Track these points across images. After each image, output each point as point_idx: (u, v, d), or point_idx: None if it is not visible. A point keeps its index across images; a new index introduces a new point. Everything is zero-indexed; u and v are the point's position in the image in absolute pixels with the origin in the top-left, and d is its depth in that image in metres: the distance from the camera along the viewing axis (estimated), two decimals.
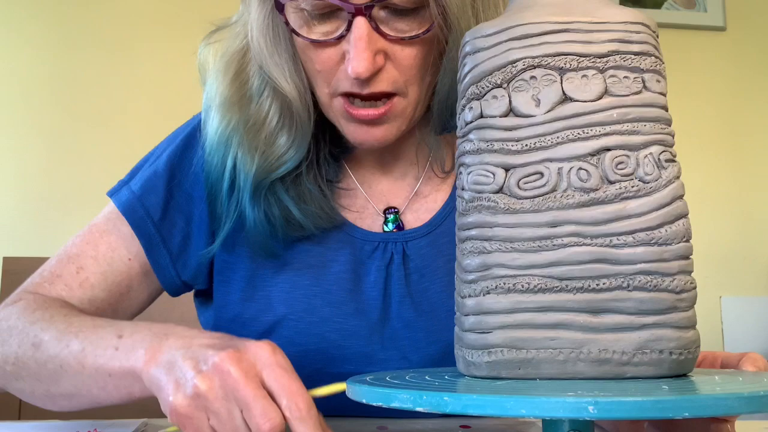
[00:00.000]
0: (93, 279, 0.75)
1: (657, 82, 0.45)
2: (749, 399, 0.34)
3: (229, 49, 0.74)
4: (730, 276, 2.19)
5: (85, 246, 0.77)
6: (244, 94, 0.72)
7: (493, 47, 0.47)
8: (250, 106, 0.72)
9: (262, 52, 0.70)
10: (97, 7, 1.95)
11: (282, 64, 0.70)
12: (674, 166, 0.45)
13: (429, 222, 0.77)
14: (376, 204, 0.78)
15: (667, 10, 2.28)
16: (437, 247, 0.76)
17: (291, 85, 0.70)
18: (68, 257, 0.76)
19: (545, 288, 0.43)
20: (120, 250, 0.76)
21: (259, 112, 0.72)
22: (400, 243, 0.76)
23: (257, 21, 0.70)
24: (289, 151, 0.71)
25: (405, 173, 0.80)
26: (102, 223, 0.78)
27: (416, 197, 0.79)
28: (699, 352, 0.45)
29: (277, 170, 0.71)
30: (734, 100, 2.29)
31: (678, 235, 0.43)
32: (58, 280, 0.75)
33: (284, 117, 0.71)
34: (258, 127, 0.71)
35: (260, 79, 0.72)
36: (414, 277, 0.75)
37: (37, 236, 1.85)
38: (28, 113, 1.90)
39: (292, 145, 0.71)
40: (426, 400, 0.37)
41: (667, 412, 0.33)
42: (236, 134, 0.71)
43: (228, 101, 0.72)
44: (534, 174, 0.44)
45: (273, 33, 0.70)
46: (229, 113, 0.72)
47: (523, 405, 0.34)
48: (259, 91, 0.72)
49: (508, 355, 0.43)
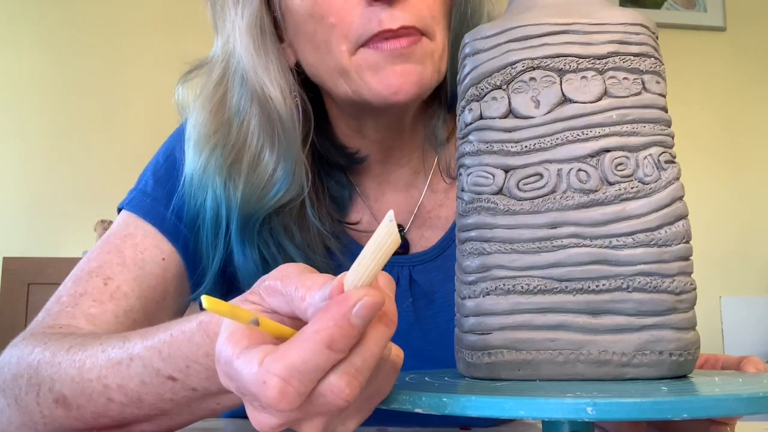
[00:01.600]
0: (125, 287, 0.67)
1: (656, 83, 0.45)
2: (748, 400, 0.34)
3: (207, 82, 0.71)
4: (730, 276, 2.19)
5: (106, 256, 0.68)
6: (223, 120, 0.68)
7: (492, 48, 0.47)
8: (230, 130, 0.68)
9: (249, 53, 0.66)
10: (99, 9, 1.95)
11: (268, 65, 0.67)
12: (674, 167, 0.45)
13: (436, 245, 0.75)
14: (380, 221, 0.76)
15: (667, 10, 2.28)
16: (445, 272, 0.73)
17: (276, 87, 0.66)
18: (88, 273, 0.67)
19: (545, 289, 0.43)
20: (151, 250, 0.69)
21: (239, 133, 0.67)
22: (407, 267, 0.73)
23: (245, 21, 0.67)
24: (277, 171, 0.66)
25: (410, 183, 0.77)
26: (119, 230, 0.71)
27: (420, 212, 0.77)
28: (699, 353, 0.45)
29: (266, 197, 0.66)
30: (734, 100, 2.30)
31: (678, 236, 0.43)
32: (83, 299, 0.65)
33: (264, 133, 0.67)
34: (239, 149, 0.67)
35: (239, 95, 0.68)
36: (421, 303, 0.72)
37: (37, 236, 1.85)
38: (29, 114, 1.91)
39: (278, 163, 0.67)
40: (425, 401, 0.37)
41: (665, 413, 0.33)
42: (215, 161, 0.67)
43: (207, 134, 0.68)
44: (533, 175, 0.44)
45: (260, 31, 0.67)
46: (209, 144, 0.68)
47: (521, 406, 0.34)
48: (238, 112, 0.68)
49: (507, 357, 0.43)
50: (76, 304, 0.65)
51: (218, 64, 0.70)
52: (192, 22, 1.90)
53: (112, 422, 0.53)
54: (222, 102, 0.69)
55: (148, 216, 0.71)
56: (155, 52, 1.93)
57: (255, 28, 0.67)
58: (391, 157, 0.76)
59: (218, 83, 0.69)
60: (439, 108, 0.75)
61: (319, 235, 0.70)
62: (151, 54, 1.94)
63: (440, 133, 0.75)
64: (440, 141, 0.75)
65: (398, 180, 0.77)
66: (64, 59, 1.92)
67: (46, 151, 1.89)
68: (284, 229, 0.68)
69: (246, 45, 0.67)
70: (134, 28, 1.95)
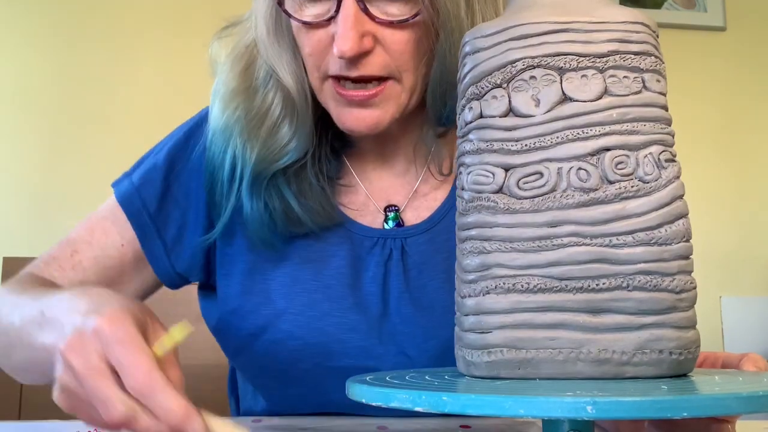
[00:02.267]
0: (86, 263, 0.77)
1: (657, 81, 0.45)
2: (747, 399, 0.34)
3: (239, 43, 0.76)
4: (730, 276, 2.19)
5: (82, 232, 0.79)
6: (249, 86, 0.74)
7: (492, 47, 0.47)
8: (255, 96, 0.74)
9: (264, 43, 0.72)
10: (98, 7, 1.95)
11: (282, 56, 0.72)
12: (674, 165, 0.45)
13: (428, 219, 0.78)
14: (376, 201, 0.79)
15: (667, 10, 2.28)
16: (436, 244, 0.76)
17: (290, 77, 0.72)
18: (67, 242, 0.79)
19: (545, 288, 0.43)
20: (113, 236, 0.78)
21: (263, 103, 0.73)
22: (399, 239, 0.76)
23: (262, 12, 0.72)
24: (291, 142, 0.72)
25: (406, 170, 0.80)
26: (102, 211, 0.80)
27: (416, 195, 0.79)
28: (699, 352, 0.45)
29: (279, 161, 0.72)
30: (734, 100, 2.30)
31: (678, 234, 0.43)
32: (53, 262, 0.78)
33: (286, 108, 0.73)
34: (261, 117, 0.73)
35: (265, 71, 0.73)
36: (412, 273, 0.75)
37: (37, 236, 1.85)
38: (29, 113, 1.90)
39: (294, 136, 0.72)
40: (425, 400, 0.37)
41: (665, 412, 0.33)
42: (238, 123, 0.73)
43: (233, 92, 0.74)
44: (533, 174, 0.44)
45: (276, 24, 0.72)
46: (233, 103, 0.73)
47: (521, 405, 0.34)
48: (264, 83, 0.74)
49: (507, 355, 0.43)
50: (48, 264, 0.78)
51: (251, 29, 0.75)
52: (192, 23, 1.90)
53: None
54: (250, 67, 0.75)
55: (124, 204, 0.78)
56: (155, 52, 1.93)
57: (270, 17, 0.72)
58: (386, 147, 0.79)
59: (249, 47, 0.75)
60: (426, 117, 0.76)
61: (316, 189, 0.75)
62: (151, 54, 1.93)
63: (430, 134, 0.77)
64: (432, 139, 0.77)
65: (396, 164, 0.80)
66: (66, 59, 1.92)
67: (46, 151, 1.89)
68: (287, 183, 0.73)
69: (263, 31, 0.72)
70: (134, 28, 1.95)
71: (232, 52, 0.76)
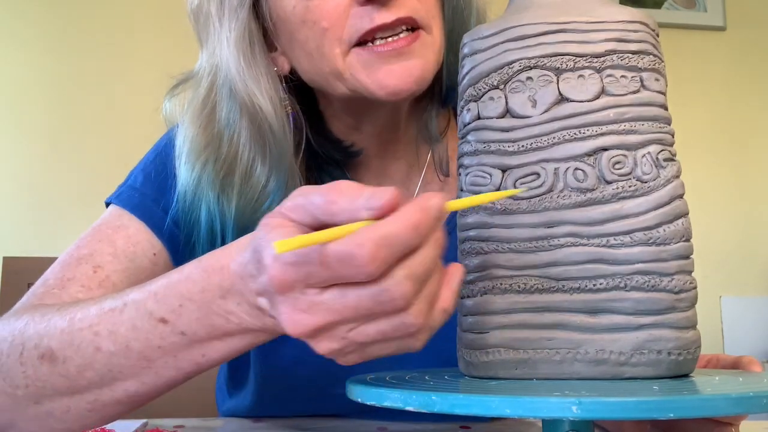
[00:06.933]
0: (115, 278, 0.67)
1: (656, 80, 0.45)
2: (737, 400, 0.34)
3: (194, 97, 0.70)
4: (730, 276, 2.19)
5: (97, 245, 0.69)
6: (213, 134, 0.68)
7: (490, 49, 0.47)
8: (221, 144, 0.68)
9: (238, 65, 0.66)
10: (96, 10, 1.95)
11: (258, 77, 0.67)
12: (674, 165, 0.44)
13: None
14: None
15: (667, 9, 2.28)
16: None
17: (266, 98, 0.66)
18: (78, 260, 0.67)
19: (542, 288, 0.43)
20: (143, 243, 0.70)
21: (230, 147, 0.67)
22: None
23: (233, 34, 0.67)
24: (270, 182, 0.67)
25: (406, 178, 0.78)
26: (111, 221, 0.71)
27: None
28: (699, 352, 0.45)
29: (262, 206, 0.67)
30: (734, 100, 2.29)
31: (677, 234, 0.43)
32: (71, 284, 0.65)
33: (255, 145, 0.67)
34: (230, 163, 0.67)
35: (228, 108, 0.68)
36: None
37: (37, 236, 1.85)
38: (28, 114, 1.91)
39: (271, 174, 0.67)
40: (415, 400, 0.37)
41: (651, 413, 0.33)
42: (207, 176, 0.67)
43: (198, 146, 0.68)
44: (530, 175, 0.44)
45: (250, 44, 0.67)
46: (201, 157, 0.68)
47: (507, 404, 0.34)
48: (228, 125, 0.68)
49: (505, 356, 0.43)
50: (63, 287, 0.65)
51: (205, 77, 0.69)
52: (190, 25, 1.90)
53: (96, 376, 0.52)
54: (211, 116, 0.69)
55: (136, 211, 0.71)
56: (155, 52, 1.93)
57: (243, 41, 0.66)
58: (387, 151, 0.76)
59: (206, 97, 0.69)
60: (431, 103, 0.75)
61: None
62: (151, 54, 1.93)
63: (432, 126, 0.75)
64: (433, 135, 0.75)
65: (396, 173, 0.78)
66: (65, 59, 1.92)
67: (46, 151, 1.89)
68: None
69: (235, 58, 0.66)
70: (134, 28, 1.95)
71: (188, 107, 0.70)
